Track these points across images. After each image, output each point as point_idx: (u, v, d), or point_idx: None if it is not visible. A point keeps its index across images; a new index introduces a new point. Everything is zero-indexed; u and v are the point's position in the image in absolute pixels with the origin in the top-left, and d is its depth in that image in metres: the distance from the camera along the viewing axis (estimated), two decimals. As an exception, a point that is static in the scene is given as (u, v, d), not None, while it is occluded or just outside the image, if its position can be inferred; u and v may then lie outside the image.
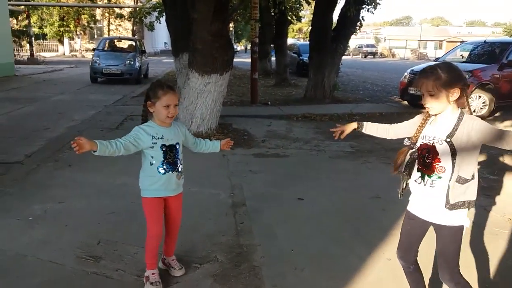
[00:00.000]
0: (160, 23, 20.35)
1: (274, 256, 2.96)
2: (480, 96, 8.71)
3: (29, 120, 7.63)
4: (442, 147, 1.92)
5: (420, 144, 2.02)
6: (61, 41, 35.11)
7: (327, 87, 10.30)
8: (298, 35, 62.60)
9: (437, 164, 1.94)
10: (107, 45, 16.54)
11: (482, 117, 8.52)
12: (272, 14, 16.13)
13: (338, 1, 10.96)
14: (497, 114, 9.12)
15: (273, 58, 17.85)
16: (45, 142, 5.98)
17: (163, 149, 2.43)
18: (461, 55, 10.84)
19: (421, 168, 2.00)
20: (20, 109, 8.76)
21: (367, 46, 52.18)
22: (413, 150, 2.05)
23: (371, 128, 2.38)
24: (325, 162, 5.42)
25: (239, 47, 60.46)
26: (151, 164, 2.44)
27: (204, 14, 5.98)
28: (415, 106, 9.91)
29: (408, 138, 2.09)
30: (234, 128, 7.18)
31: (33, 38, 26.82)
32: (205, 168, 5.07)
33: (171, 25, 10.14)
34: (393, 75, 19.50)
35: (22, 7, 27.31)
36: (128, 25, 35.48)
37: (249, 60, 11.45)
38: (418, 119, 2.10)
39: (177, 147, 2.51)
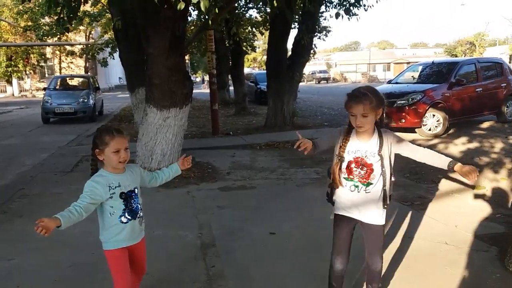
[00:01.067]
0: (113, 58, 19.99)
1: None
2: (434, 115, 9.04)
3: (-26, 168, 7.06)
4: (374, 160, 2.27)
5: (353, 158, 2.30)
6: (9, 82, 33.74)
7: (287, 113, 10.38)
8: (253, 64, 63.82)
9: (372, 174, 2.28)
10: (59, 83, 15.95)
11: (437, 135, 8.99)
12: (227, 45, 16.32)
13: (291, 30, 11.24)
14: (451, 131, 9.49)
15: (231, 88, 17.96)
16: (-8, 192, 5.51)
17: (122, 196, 2.27)
18: (412, 76, 11.32)
19: (353, 178, 2.31)
20: (-36, 157, 8.12)
21: (320, 72, 53.93)
22: (343, 163, 2.33)
23: (319, 146, 2.47)
24: (293, 191, 5.32)
25: (197, 78, 60.67)
26: (111, 214, 2.26)
27: (159, 49, 5.86)
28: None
29: (337, 154, 2.35)
30: (197, 162, 6.97)
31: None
32: (169, 207, 4.84)
33: (124, 60, 9.94)
34: (347, 98, 20.06)
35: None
36: (81, 62, 34.71)
37: (206, 91, 11.40)
38: (337, 134, 2.40)
39: (136, 192, 2.35)
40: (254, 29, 16.46)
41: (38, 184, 5.81)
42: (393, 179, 2.36)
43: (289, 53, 10.75)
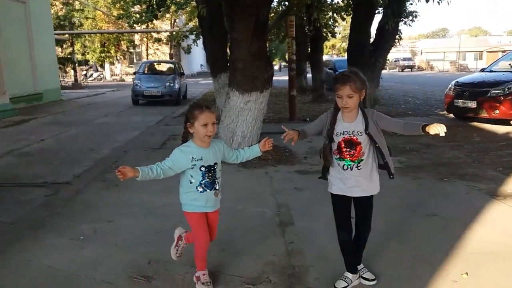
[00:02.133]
0: (197, 45, 20.83)
1: (328, 278, 2.81)
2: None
3: (76, 142, 7.89)
4: (362, 138, 2.47)
5: (341, 139, 2.48)
6: (102, 66, 36.72)
7: (368, 101, 10.05)
8: (331, 51, 62.44)
9: (361, 152, 2.48)
10: (147, 68, 17.06)
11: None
12: (307, 31, 16.17)
13: (375, 15, 10.83)
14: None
15: (309, 75, 17.83)
16: (92, 163, 6.13)
17: (202, 169, 2.51)
18: (509, 64, 10.37)
19: (345, 157, 2.50)
20: (67, 132, 9.10)
21: (404, 59, 51.25)
22: (333, 144, 2.51)
23: (308, 132, 2.72)
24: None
25: (275, 65, 61.05)
26: (190, 182, 2.53)
27: (244, 34, 6.02)
28: (462, 119, 9.53)
29: (325, 135, 2.54)
30: (274, 145, 6.92)
31: (76, 64, 28.20)
32: (248, 185, 5.03)
33: (208, 47, 10.33)
34: (434, 88, 18.95)
35: (67, 35, 28.88)
36: (166, 49, 36.66)
37: (283, 77, 11.48)
38: (324, 118, 2.61)
39: (215, 167, 2.58)
40: (335, 14, 16.08)
41: (130, 158, 6.36)
42: (389, 152, 2.59)
43: (372, 39, 10.38)
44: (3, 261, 3.10)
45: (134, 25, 18.61)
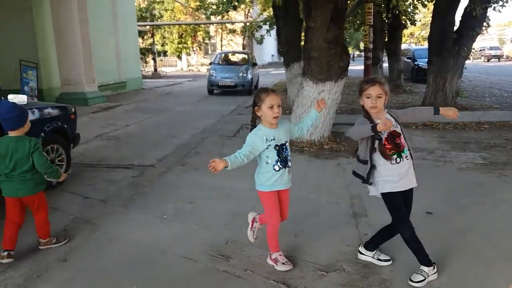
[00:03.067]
0: (270, 35, 20.98)
1: (404, 271, 2.77)
2: None
3: (158, 128, 8.44)
4: (398, 130, 2.65)
5: (386, 134, 2.60)
6: (179, 57, 38.37)
7: (449, 92, 9.51)
8: (409, 39, 59.27)
9: (403, 142, 2.64)
10: (222, 59, 17.56)
11: None
12: (384, 19, 15.53)
13: (461, 0, 10.11)
14: None
15: (385, 65, 17.17)
16: (173, 148, 6.54)
17: (276, 148, 2.68)
18: None
19: (395, 150, 2.61)
20: (149, 118, 9.75)
21: (491, 48, 46.97)
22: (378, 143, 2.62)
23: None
24: (454, 175, 4.96)
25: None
26: (267, 163, 2.70)
27: (321, 22, 5.99)
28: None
29: (375, 136, 2.59)
30: (347, 137, 7.00)
31: (156, 55, 29.79)
32: (321, 176, 5.04)
33: (282, 36, 10.38)
34: (525, 79, 17.29)
35: (148, 27, 30.55)
36: (239, 39, 37.33)
37: (356, 67, 11.21)
38: (362, 121, 2.65)
39: (286, 145, 2.75)
40: (415, 0, 15.25)
41: (207, 145, 6.68)
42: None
43: (456, 26, 9.72)
44: (97, 235, 3.46)
45: (211, 16, 19.17)
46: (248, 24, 27.95)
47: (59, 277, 2.80)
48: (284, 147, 2.73)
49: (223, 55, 18.52)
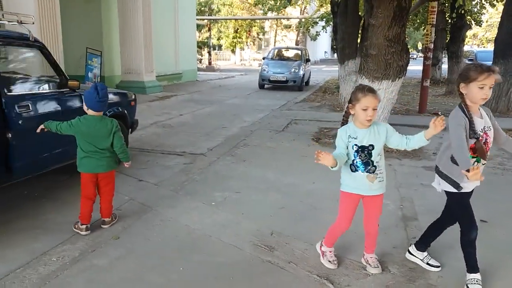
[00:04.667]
0: (326, 32, 20.70)
1: (452, 278, 2.69)
2: None
3: (210, 119, 8.64)
4: (491, 132, 2.55)
5: (483, 134, 2.50)
6: (233, 51, 38.87)
7: (513, 99, 8.95)
8: (471, 41, 56.13)
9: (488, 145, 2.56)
10: (275, 54, 17.60)
11: None
12: (447, 18, 14.84)
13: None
14: None
15: (444, 66, 16.43)
16: (223, 139, 6.68)
17: (354, 148, 2.52)
18: None
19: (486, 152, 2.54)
20: (202, 109, 10.00)
21: None
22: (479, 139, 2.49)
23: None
24: (513, 184, 4.70)
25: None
26: (347, 161, 2.57)
27: (383, 19, 5.84)
28: None
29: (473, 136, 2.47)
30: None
31: (211, 48, 30.38)
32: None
33: (339, 33, 10.23)
34: None
35: (206, 21, 31.20)
36: (293, 35, 37.17)
37: (412, 67, 10.77)
38: (461, 118, 2.46)
39: (371, 149, 2.52)
40: (483, 0, 14.43)
41: (256, 137, 6.75)
42: None
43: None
44: (149, 217, 3.62)
45: (269, 11, 19.23)
46: (303, 20, 27.73)
47: (111, 253, 2.97)
48: (367, 150, 2.51)
49: (276, 50, 18.55)
